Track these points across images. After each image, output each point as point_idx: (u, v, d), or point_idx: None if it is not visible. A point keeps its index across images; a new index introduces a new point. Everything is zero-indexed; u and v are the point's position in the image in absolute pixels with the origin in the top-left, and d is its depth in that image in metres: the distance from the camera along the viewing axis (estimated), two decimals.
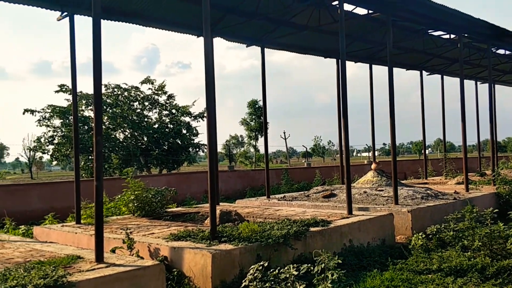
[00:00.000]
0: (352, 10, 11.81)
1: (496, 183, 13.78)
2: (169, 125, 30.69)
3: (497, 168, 16.75)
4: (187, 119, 31.10)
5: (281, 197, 12.65)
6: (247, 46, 13.55)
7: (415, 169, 22.96)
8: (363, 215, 8.79)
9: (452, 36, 14.35)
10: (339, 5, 9.74)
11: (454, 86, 21.02)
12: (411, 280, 6.22)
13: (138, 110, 29.66)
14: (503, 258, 6.93)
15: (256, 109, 44.94)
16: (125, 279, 4.95)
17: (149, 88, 29.88)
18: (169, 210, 10.75)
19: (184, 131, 30.88)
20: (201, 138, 31.70)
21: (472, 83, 23.64)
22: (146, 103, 29.90)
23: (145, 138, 29.53)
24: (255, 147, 48.83)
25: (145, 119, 29.80)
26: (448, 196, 11.37)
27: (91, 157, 25.72)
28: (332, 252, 6.12)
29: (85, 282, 4.60)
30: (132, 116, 28.88)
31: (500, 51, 17.79)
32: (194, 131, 31.16)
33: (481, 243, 7.20)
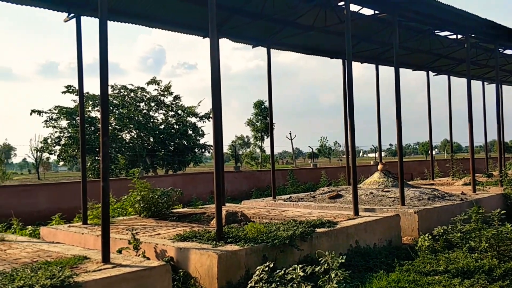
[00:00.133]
0: (358, 10, 11.80)
1: (503, 184, 13.69)
2: (175, 125, 30.78)
3: (504, 169, 16.66)
4: (193, 119, 31.25)
5: (287, 198, 12.61)
6: (253, 47, 13.60)
7: (422, 170, 22.84)
8: (369, 216, 8.76)
9: (459, 36, 14.28)
10: (345, 6, 9.73)
11: (461, 87, 20.98)
12: (418, 282, 6.19)
13: (144, 111, 29.75)
14: (511, 259, 6.89)
15: (262, 110, 44.84)
16: (131, 280, 4.97)
17: (155, 89, 30.04)
18: (175, 210, 10.77)
19: (190, 132, 30.97)
20: (207, 139, 31.88)
21: (479, 83, 23.49)
22: (152, 104, 29.99)
23: (151, 139, 29.63)
24: (261, 147, 48.77)
25: (151, 120, 29.91)
26: (455, 197, 11.30)
27: (98, 157, 25.84)
28: (338, 253, 6.09)
29: (91, 283, 4.63)
30: (139, 117, 28.99)
31: (508, 51, 17.70)
32: (200, 131, 31.25)
33: (488, 245, 7.16)
